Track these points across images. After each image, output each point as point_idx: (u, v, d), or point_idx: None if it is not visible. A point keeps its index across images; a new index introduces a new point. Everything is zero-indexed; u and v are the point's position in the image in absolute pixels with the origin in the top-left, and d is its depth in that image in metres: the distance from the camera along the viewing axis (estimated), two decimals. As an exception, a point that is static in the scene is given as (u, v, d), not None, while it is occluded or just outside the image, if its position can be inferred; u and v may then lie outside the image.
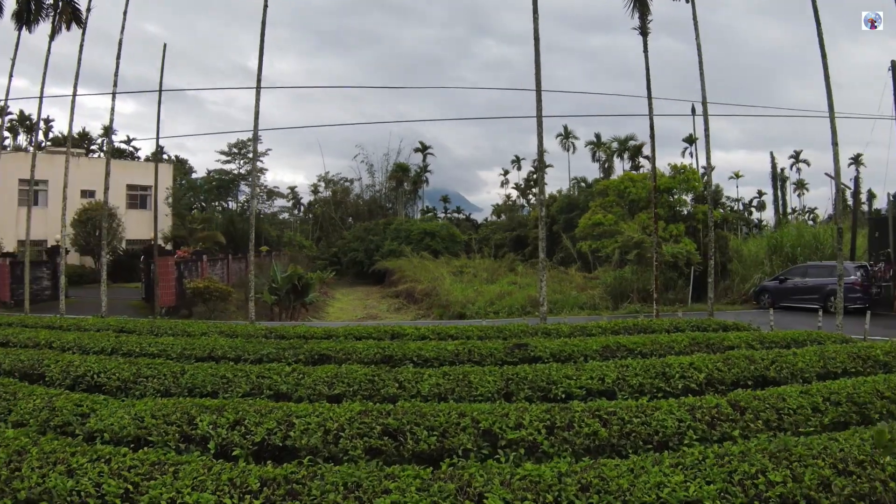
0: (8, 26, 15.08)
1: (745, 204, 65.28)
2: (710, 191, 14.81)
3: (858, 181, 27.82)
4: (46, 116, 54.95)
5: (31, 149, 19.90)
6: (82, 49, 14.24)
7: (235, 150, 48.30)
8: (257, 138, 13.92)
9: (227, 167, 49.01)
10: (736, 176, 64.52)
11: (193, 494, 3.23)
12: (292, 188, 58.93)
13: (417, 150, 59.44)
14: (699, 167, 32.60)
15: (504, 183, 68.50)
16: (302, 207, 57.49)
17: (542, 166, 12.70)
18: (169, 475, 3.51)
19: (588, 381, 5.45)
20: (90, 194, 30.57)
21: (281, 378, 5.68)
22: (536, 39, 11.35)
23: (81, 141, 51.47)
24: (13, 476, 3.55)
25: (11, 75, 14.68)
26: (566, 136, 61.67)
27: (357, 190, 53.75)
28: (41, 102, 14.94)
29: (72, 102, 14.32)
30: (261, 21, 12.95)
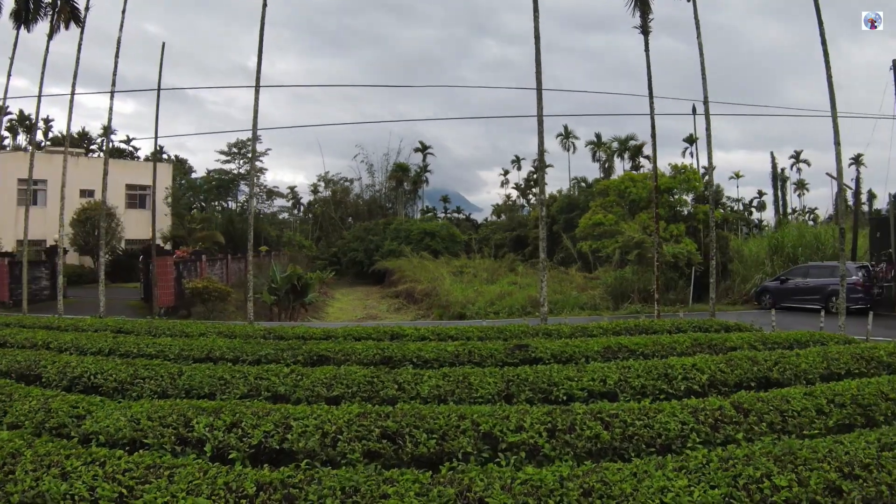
0: (7, 25, 15.05)
1: (746, 204, 65.37)
2: (712, 190, 14.76)
3: (859, 181, 27.76)
4: (46, 116, 54.96)
5: (30, 148, 19.85)
6: (81, 48, 14.22)
7: (235, 150, 48.31)
8: (256, 138, 13.86)
9: (227, 167, 49.05)
10: (736, 176, 64.63)
11: (188, 499, 3.18)
12: (292, 188, 59.01)
13: (417, 150, 59.47)
14: (699, 167, 32.60)
15: (504, 183, 68.64)
16: (302, 207, 57.45)
17: (543, 166, 12.64)
18: (164, 479, 3.47)
19: (589, 383, 5.39)
20: (89, 194, 30.52)
21: (279, 379, 5.63)
22: (537, 38, 11.30)
23: (81, 140, 51.46)
24: (6, 479, 3.52)
25: (10, 74, 14.69)
26: (566, 136, 61.64)
27: (357, 190, 53.77)
28: (39, 101, 14.90)
29: (70, 102, 14.30)
30: (260, 20, 12.89)
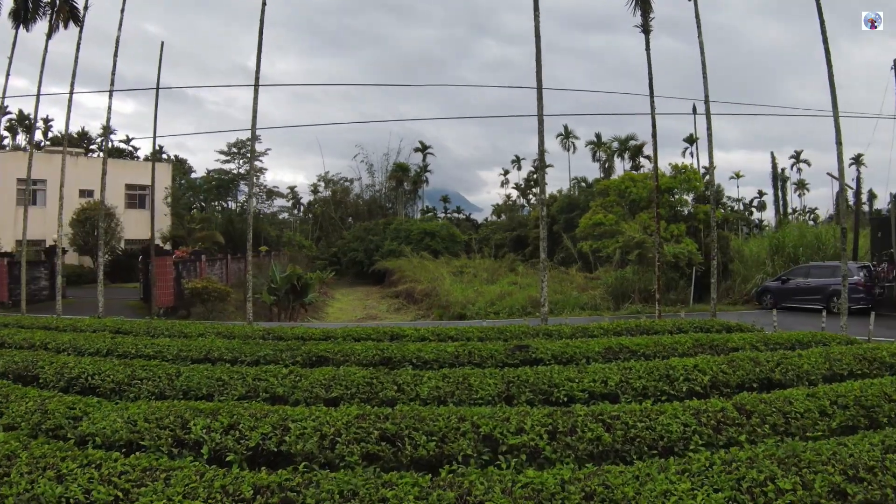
0: (5, 25, 15.00)
1: (746, 204, 65.35)
2: (713, 190, 14.70)
3: (860, 181, 27.72)
4: (46, 116, 54.90)
5: (30, 148, 19.81)
6: (79, 47, 14.18)
7: (235, 150, 48.26)
8: (256, 138, 13.82)
9: (227, 167, 48.99)
10: (737, 176, 64.61)
11: (185, 502, 3.15)
12: (292, 188, 58.98)
13: (417, 150, 59.43)
14: (700, 167, 32.57)
15: (504, 183, 68.62)
16: (302, 207, 57.41)
17: (543, 165, 12.59)
18: (160, 482, 3.43)
19: (591, 384, 5.35)
20: (89, 194, 30.49)
21: (277, 380, 5.58)
22: (537, 37, 11.25)
23: (81, 140, 51.42)
24: (2, 481, 3.49)
25: (9, 74, 14.63)
26: (566, 136, 61.58)
27: (357, 190, 53.72)
28: (38, 101, 14.85)
29: (69, 101, 14.24)
30: (259, 20, 12.85)
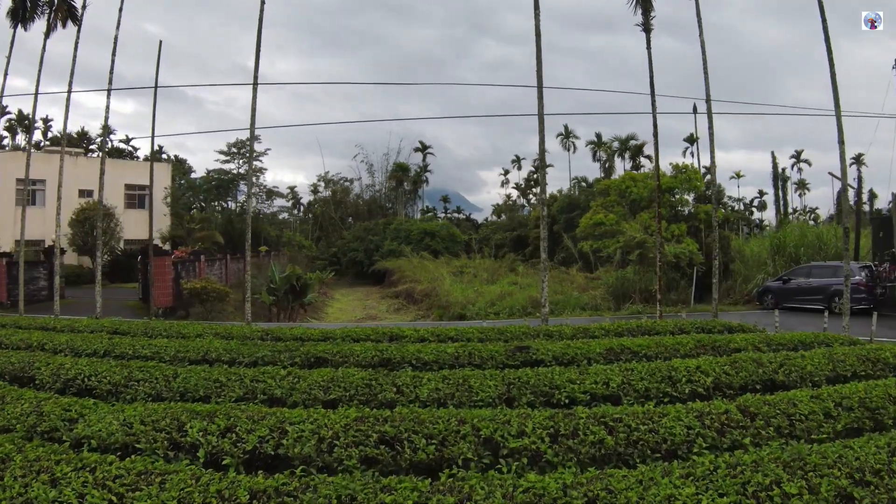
0: (3, 24, 14.93)
1: (746, 204, 65.29)
2: (715, 189, 14.64)
3: (861, 181, 27.65)
4: (45, 116, 54.86)
5: (28, 148, 19.69)
6: (77, 47, 14.12)
7: (235, 150, 48.16)
8: (256, 137, 13.75)
9: (227, 167, 48.90)
10: (737, 176, 64.56)
11: (179, 508, 3.09)
12: (292, 188, 58.85)
13: (417, 150, 59.36)
14: (700, 167, 32.52)
15: (504, 183, 68.58)
16: (301, 207, 57.32)
17: (544, 164, 12.52)
18: (155, 486, 3.38)
19: (592, 386, 5.29)
20: (88, 194, 30.43)
21: (275, 382, 5.53)
22: (538, 35, 11.20)
23: (80, 140, 51.35)
24: (-6, 486, 3.42)
25: (7, 73, 14.55)
26: (566, 136, 61.49)
27: (357, 190, 53.62)
28: (36, 100, 14.79)
29: (66, 100, 14.18)
30: (258, 18, 12.79)
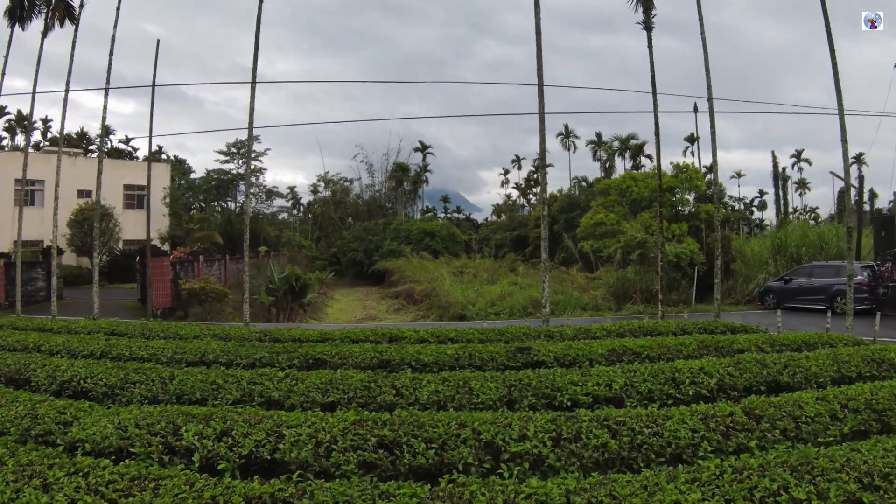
0: (1, 24, 14.85)
1: (747, 203, 65.18)
2: (717, 189, 14.55)
3: (862, 180, 27.56)
4: (45, 116, 54.78)
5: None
6: (75, 46, 14.05)
7: (234, 150, 47.99)
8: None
9: (226, 167, 48.72)
10: (737, 175, 64.45)
11: (173, 514, 3.01)
12: (291, 188, 58.60)
13: (417, 150, 59.26)
14: (701, 166, 32.42)
15: (504, 183, 68.46)
16: (301, 207, 57.17)
17: (544, 163, 12.43)
18: (148, 492, 3.31)
19: (595, 388, 5.21)
20: (87, 194, 30.31)
21: (273, 384, 5.45)
22: (538, 33, 11.12)
23: (80, 140, 51.26)
24: (-15, 490, 3.34)
25: (4, 73, 14.44)
26: (567, 136, 61.38)
27: (357, 190, 53.48)
28: (33, 99, 14.72)
29: (64, 100, 14.11)
30: (256, 16, 12.71)
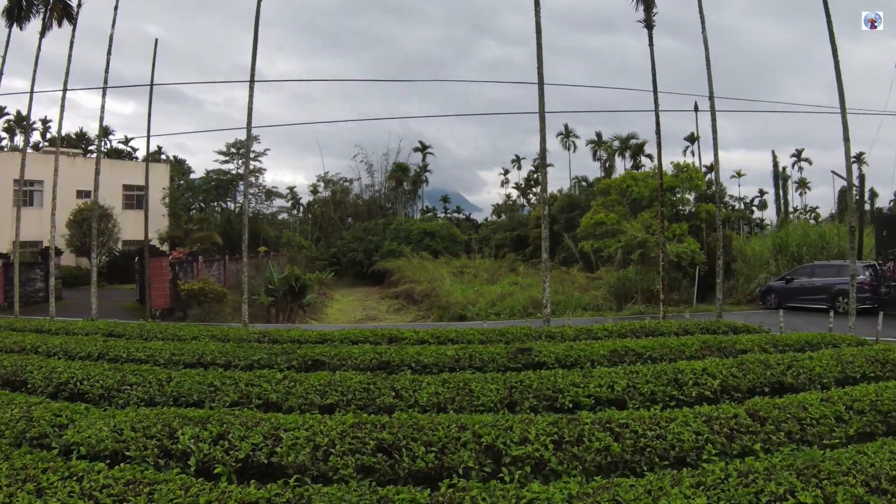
0: (-1, 24, 14.78)
1: (747, 203, 65.12)
2: (719, 188, 14.44)
3: (863, 179, 27.49)
4: (44, 117, 54.75)
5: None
6: (73, 46, 14.00)
7: (234, 150, 47.91)
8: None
9: (226, 167, 48.63)
10: (738, 175, 64.37)
11: (167, 520, 2.95)
12: (291, 188, 58.47)
13: (417, 150, 59.16)
14: (701, 166, 32.36)
15: (504, 183, 68.40)
16: (301, 208, 57.10)
17: (545, 162, 12.36)
18: (143, 496, 3.25)
19: (596, 390, 5.14)
20: (86, 195, 30.21)
21: (271, 386, 5.38)
22: (538, 32, 11.06)
23: (79, 141, 51.24)
24: (-22, 495, 3.29)
25: (1, 73, 14.39)
26: (566, 136, 61.30)
27: (356, 190, 53.39)
28: (31, 99, 14.69)
29: (62, 100, 14.05)
30: (255, 15, 12.65)
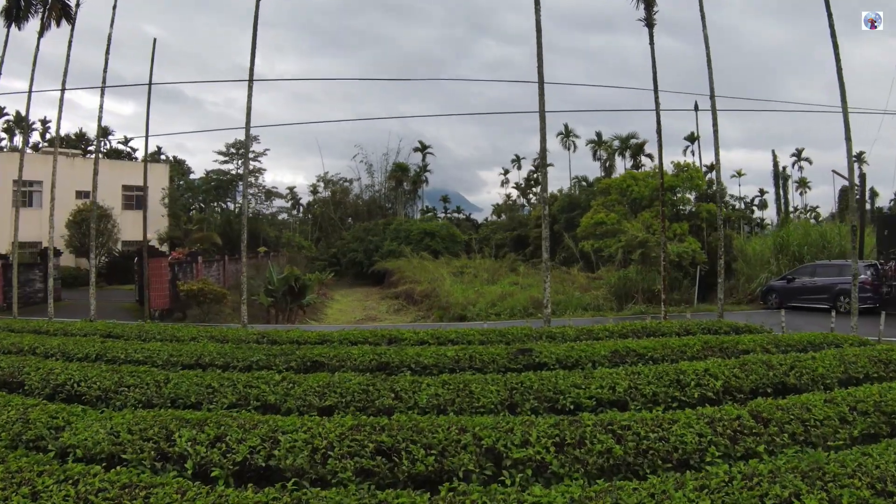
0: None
1: (748, 203, 65.07)
2: (720, 187, 14.36)
3: (864, 179, 27.42)
4: (44, 118, 54.66)
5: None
6: (71, 45, 13.98)
7: (233, 151, 47.86)
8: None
9: (226, 168, 48.59)
10: (738, 174, 64.30)
11: (162, 525, 2.90)
12: (291, 188, 58.44)
13: (417, 150, 59.08)
14: (701, 165, 32.29)
15: (504, 182, 68.36)
16: (301, 208, 57.05)
17: (545, 161, 12.31)
18: (139, 500, 3.20)
19: (598, 391, 5.09)
20: (86, 195, 30.15)
21: (269, 388, 5.33)
22: (538, 30, 11.01)
23: (79, 142, 51.19)
24: (-29, 499, 3.24)
25: (0, 73, 14.36)
26: (567, 135, 61.24)
27: (356, 190, 53.31)
28: (29, 100, 14.66)
29: (60, 99, 14.02)
30: (253, 14, 12.60)
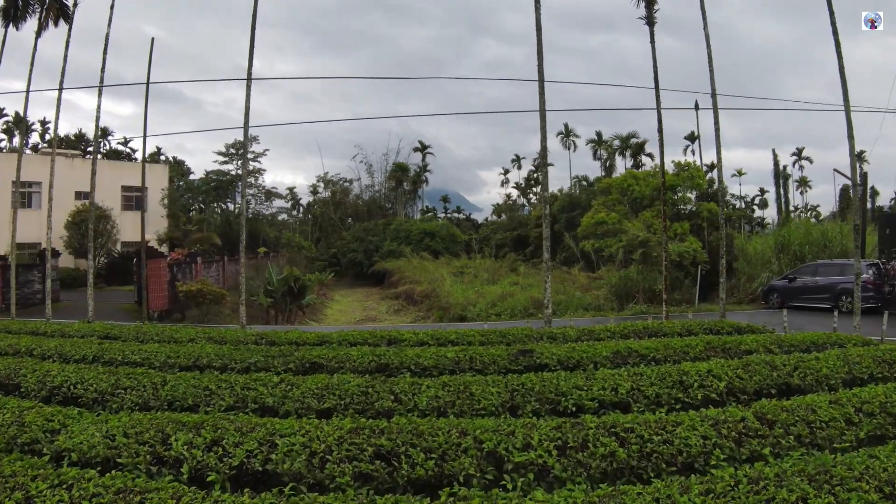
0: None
1: (748, 202, 64.99)
2: (721, 187, 14.28)
3: (866, 178, 27.36)
4: (43, 118, 54.60)
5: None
6: (69, 46, 13.91)
7: (233, 151, 47.82)
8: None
9: (225, 168, 48.53)
10: (739, 174, 64.21)
11: (157, 532, 2.84)
12: (291, 189, 58.37)
13: (417, 150, 58.98)
14: (702, 165, 32.22)
15: (504, 182, 68.26)
16: (301, 208, 56.96)
17: (545, 161, 12.24)
18: (133, 506, 3.13)
19: (600, 392, 5.03)
20: (84, 196, 30.07)
21: (267, 390, 5.26)
22: (538, 29, 10.95)
23: (78, 142, 51.15)
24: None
25: (-2, 73, 14.30)
26: (567, 135, 61.18)
27: (356, 190, 53.22)
28: (27, 100, 14.58)
29: (58, 100, 13.95)
30: (252, 13, 12.54)
